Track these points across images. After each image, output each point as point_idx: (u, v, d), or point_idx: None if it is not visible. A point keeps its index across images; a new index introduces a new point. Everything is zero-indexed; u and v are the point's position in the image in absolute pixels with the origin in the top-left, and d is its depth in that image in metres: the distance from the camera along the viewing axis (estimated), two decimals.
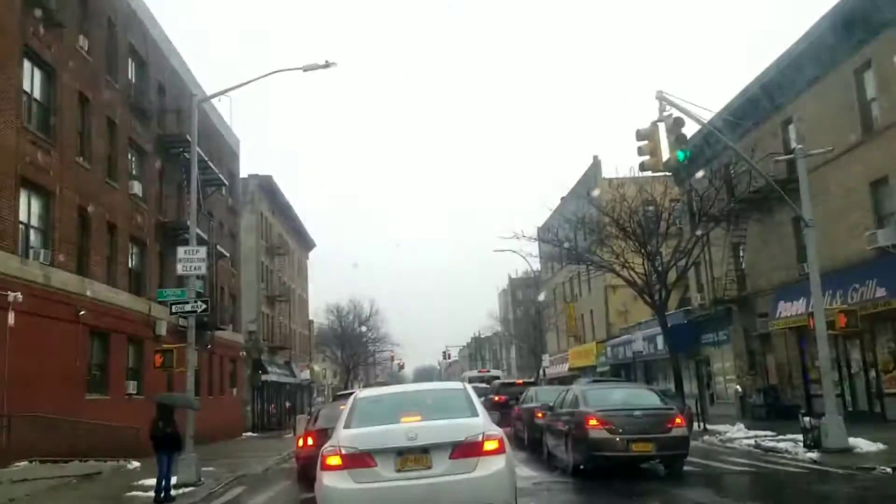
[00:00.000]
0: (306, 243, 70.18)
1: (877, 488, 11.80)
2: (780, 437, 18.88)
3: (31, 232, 20.03)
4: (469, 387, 9.15)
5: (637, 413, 13.72)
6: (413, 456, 7.58)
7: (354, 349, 75.13)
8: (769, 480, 13.62)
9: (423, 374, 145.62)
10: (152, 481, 16.04)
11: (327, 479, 7.63)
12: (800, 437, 16.85)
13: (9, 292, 17.78)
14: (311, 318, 73.97)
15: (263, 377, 47.76)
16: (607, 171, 39.09)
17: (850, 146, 22.44)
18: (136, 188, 26.71)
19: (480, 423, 7.91)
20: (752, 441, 19.27)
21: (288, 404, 57.76)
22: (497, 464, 7.60)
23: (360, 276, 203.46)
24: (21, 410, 17.43)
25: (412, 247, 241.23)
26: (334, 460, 7.66)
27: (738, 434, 21.20)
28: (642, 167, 15.14)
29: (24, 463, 17.05)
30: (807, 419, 16.84)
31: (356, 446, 7.64)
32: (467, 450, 7.57)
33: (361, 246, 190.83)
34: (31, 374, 18.21)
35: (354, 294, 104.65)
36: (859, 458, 14.47)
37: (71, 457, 18.80)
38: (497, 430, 8.01)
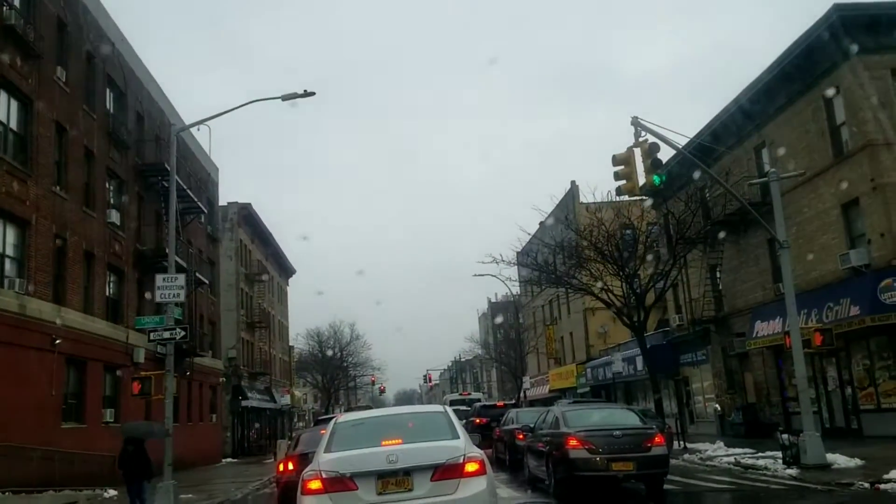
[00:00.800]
0: (286, 270, 69.96)
1: (856, 503, 11.95)
2: (760, 454, 19.03)
3: (6, 261, 19.85)
4: (449, 409, 9.19)
5: (617, 433, 13.81)
6: (394, 479, 7.61)
7: (335, 374, 74.66)
8: (749, 497, 13.73)
9: (405, 398, 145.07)
10: None
11: None
12: (779, 454, 17.00)
13: None
14: (291, 343, 73.54)
15: (243, 403, 47.37)
16: (585, 196, 39.47)
17: (821, 169, 22.88)
18: (114, 217, 26.59)
19: (461, 445, 7.96)
20: (731, 459, 19.40)
21: (268, 430, 57.22)
22: (478, 485, 7.64)
23: (341, 301, 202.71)
24: None
25: (393, 272, 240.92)
26: (315, 484, 7.66)
27: (718, 452, 21.33)
28: (619, 192, 15.35)
29: None
30: (785, 436, 17.00)
31: (337, 470, 7.65)
32: (448, 471, 7.61)
33: (342, 272, 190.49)
34: (5, 402, 17.98)
35: (335, 319, 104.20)
36: (838, 474, 14.64)
37: (46, 486, 18.54)
38: (478, 452, 8.07)
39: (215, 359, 40.92)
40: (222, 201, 47.03)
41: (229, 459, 40.85)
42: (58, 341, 21.14)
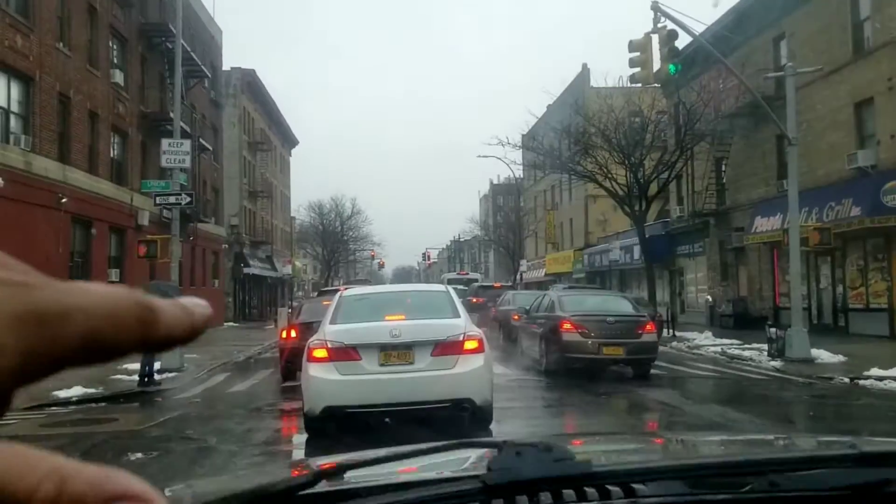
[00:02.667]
0: (289, 140, 69.43)
1: (834, 396, 12.49)
2: (746, 345, 19.63)
3: (11, 118, 19.73)
4: (451, 289, 9.48)
5: (610, 319, 14.26)
6: (396, 352, 7.97)
7: (335, 247, 75.55)
8: (732, 385, 14.33)
9: (403, 274, 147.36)
10: (135, 365, 16.52)
11: (313, 370, 8.01)
12: (765, 346, 17.54)
13: None
14: (292, 214, 74.01)
15: (245, 270, 48.20)
16: (596, 81, 38.74)
17: (839, 66, 22.39)
18: (118, 77, 26.18)
19: (462, 324, 8.28)
20: (718, 349, 20.03)
21: (269, 297, 58.55)
22: (476, 362, 8.01)
23: (343, 174, 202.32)
24: None
25: (397, 149, 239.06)
26: (321, 353, 8.02)
27: (706, 342, 21.99)
28: (633, 79, 15.10)
29: None
30: (773, 330, 17.50)
31: (342, 341, 7.99)
32: (448, 348, 7.96)
33: (345, 145, 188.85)
34: (14, 258, 18.32)
35: (336, 193, 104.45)
36: (820, 368, 15.19)
37: None
38: (477, 331, 8.40)
39: (218, 225, 41.34)
40: (225, 66, 46.12)
41: (231, 324, 41.99)
42: (63, 200, 21.32)
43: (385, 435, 7.73)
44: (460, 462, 1.16)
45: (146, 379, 14.24)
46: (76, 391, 12.96)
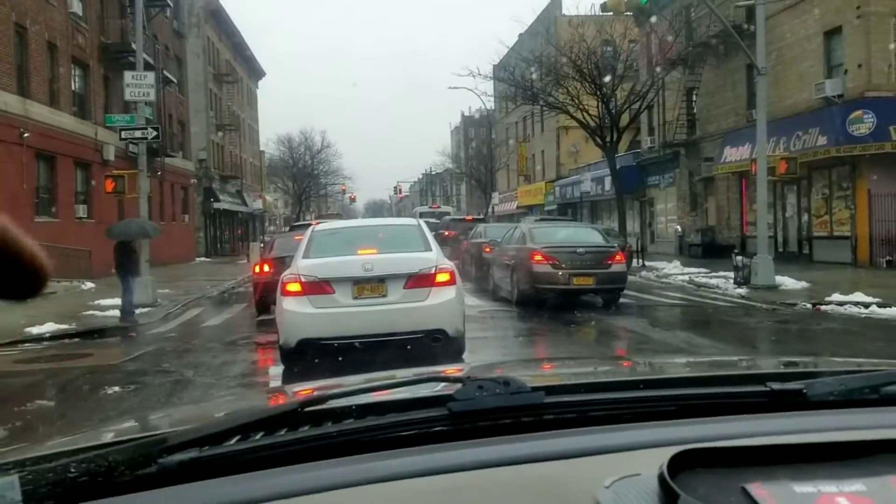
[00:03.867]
0: (256, 72, 67.91)
1: (796, 321, 12.89)
2: (713, 274, 20.04)
3: None
4: (422, 222, 9.55)
5: (580, 250, 14.46)
6: (369, 285, 8.06)
7: (306, 181, 74.91)
8: (698, 312, 14.70)
9: (374, 208, 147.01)
10: (108, 301, 16.57)
11: (287, 304, 8.10)
12: (731, 274, 17.93)
13: None
14: (261, 148, 72.98)
15: (215, 205, 47.76)
16: (567, 9, 38.22)
17: None
18: (76, 6, 25.27)
19: (433, 257, 8.38)
20: (686, 277, 20.44)
21: (240, 232, 58.22)
22: (448, 294, 8.14)
23: (312, 107, 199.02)
24: None
25: (367, 81, 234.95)
26: (294, 287, 8.09)
27: (674, 271, 22.40)
28: (605, 7, 14.96)
29: None
30: (739, 258, 17.87)
31: (315, 275, 8.06)
32: (420, 280, 8.07)
33: (314, 77, 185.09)
34: None
35: (306, 126, 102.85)
36: (784, 295, 15.61)
37: None
38: (448, 264, 8.51)
39: (186, 160, 40.72)
40: None
41: (202, 259, 41.82)
42: (26, 135, 20.85)
43: (359, 366, 7.89)
44: (430, 392, 1.27)
45: (127, 314, 14.29)
46: (49, 327, 12.94)
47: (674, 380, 1.56)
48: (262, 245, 37.71)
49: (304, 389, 2.21)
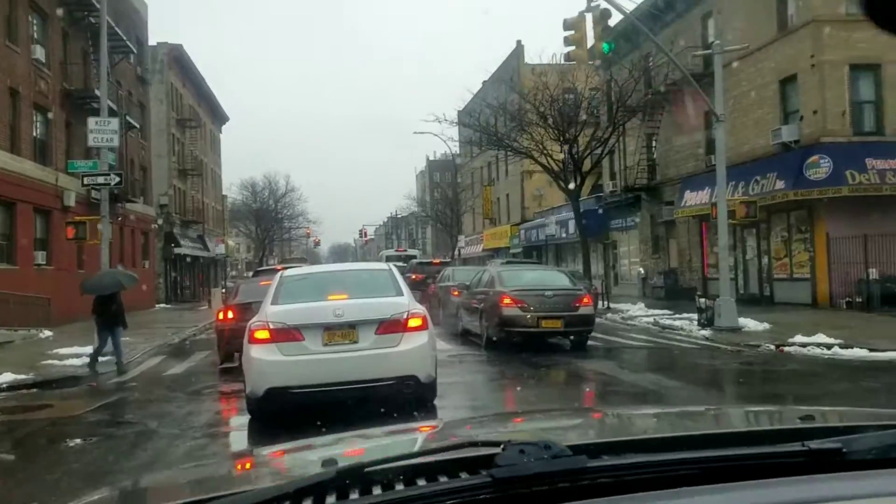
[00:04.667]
0: (219, 116, 67.82)
1: (761, 363, 13.03)
2: (677, 315, 20.23)
3: None
4: (394, 267, 9.51)
5: (548, 293, 14.53)
6: (340, 331, 7.97)
7: (269, 225, 74.47)
8: (665, 354, 14.79)
9: (339, 252, 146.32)
10: (66, 350, 16.19)
11: (255, 352, 7.95)
12: (695, 316, 18.13)
13: None
14: (224, 192, 72.54)
15: (176, 250, 47.16)
16: (530, 57, 38.92)
17: (764, 43, 23.05)
18: (39, 53, 25.10)
19: (405, 302, 8.33)
20: (651, 319, 20.61)
21: (201, 277, 57.47)
22: (420, 339, 8.09)
23: (277, 152, 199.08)
24: None
25: (333, 126, 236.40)
26: (262, 334, 7.96)
27: (639, 312, 22.58)
28: (568, 58, 15.27)
29: None
30: (702, 300, 18.10)
31: (284, 321, 7.95)
32: (392, 326, 8.01)
33: (279, 122, 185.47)
34: None
35: (270, 170, 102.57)
36: (747, 336, 15.80)
37: None
38: (420, 309, 8.48)
39: (147, 205, 40.27)
40: (152, 41, 44.66)
41: (163, 305, 41.11)
42: None
43: (328, 415, 7.75)
44: (466, 454, 1.24)
45: (96, 360, 14.00)
46: (6, 377, 12.57)
47: (708, 437, 1.53)
48: (223, 291, 37.24)
49: (276, 451, 2.15)
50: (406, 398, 8.16)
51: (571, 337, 14.80)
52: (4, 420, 9.51)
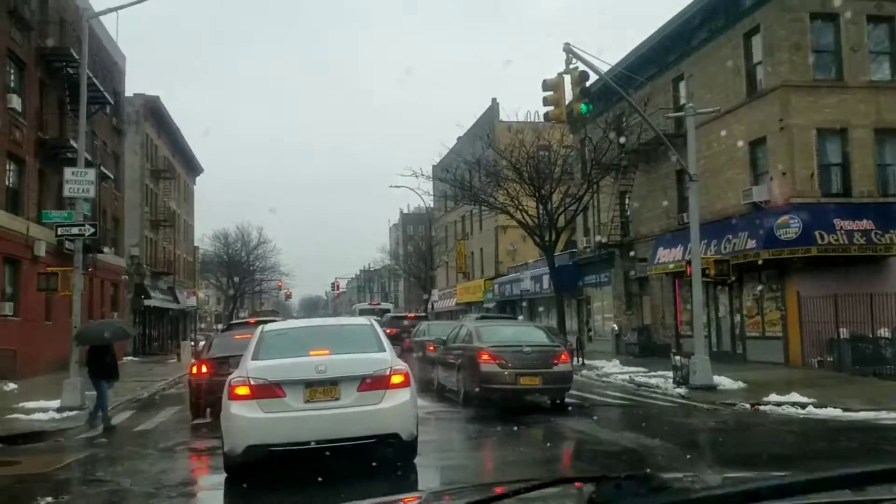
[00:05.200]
0: (193, 168, 67.73)
1: (735, 421, 13.07)
2: (652, 373, 20.28)
3: None
4: (376, 323, 9.46)
5: (526, 349, 14.51)
6: (322, 388, 7.87)
7: (241, 277, 73.91)
8: (642, 412, 14.76)
9: (310, 304, 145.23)
10: (33, 403, 15.78)
11: (235, 409, 7.82)
12: (670, 374, 18.18)
13: None
14: (196, 244, 72.01)
15: (146, 302, 46.51)
16: (507, 115, 39.63)
17: (734, 106, 23.70)
18: (15, 102, 24.99)
19: (388, 358, 8.28)
20: (626, 376, 20.62)
21: (171, 330, 56.60)
22: (402, 396, 8.01)
23: (249, 203, 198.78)
24: None
25: (305, 178, 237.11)
26: (242, 390, 7.84)
27: (614, 370, 22.60)
28: (547, 118, 15.56)
29: None
30: (677, 358, 18.17)
31: (265, 377, 7.85)
32: (375, 383, 7.94)
33: (252, 173, 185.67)
34: None
35: (242, 222, 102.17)
36: (722, 395, 15.86)
37: None
38: (403, 365, 8.42)
39: (118, 256, 39.81)
40: (128, 92, 44.75)
41: (131, 358, 40.29)
42: None
43: (307, 473, 7.61)
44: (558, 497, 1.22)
45: (106, 421, 13.63)
46: None
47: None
48: (192, 344, 36.60)
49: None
50: (387, 456, 8.06)
51: (549, 394, 14.73)
52: None
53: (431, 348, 18.99)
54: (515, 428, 12.48)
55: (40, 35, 27.86)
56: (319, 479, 7.54)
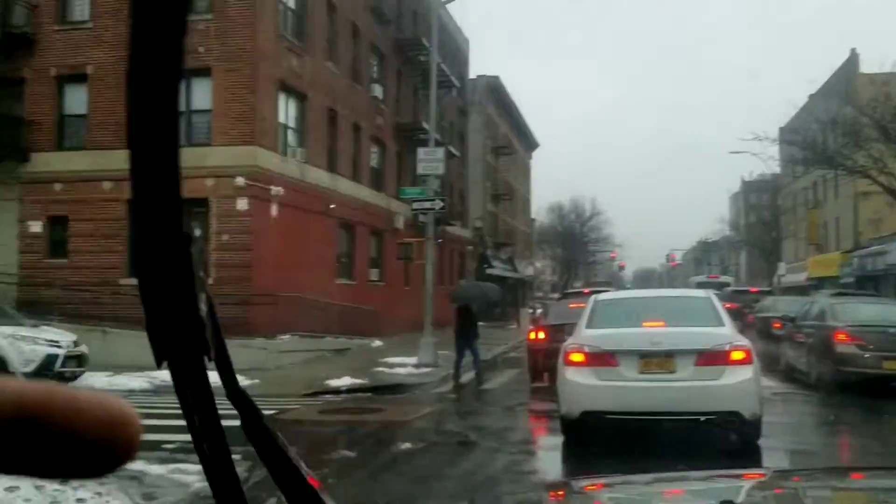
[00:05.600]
0: (529, 143, 70.39)
1: None
2: None
3: (289, 132, 21.96)
4: (714, 295, 9.04)
5: (891, 330, 12.81)
6: (657, 360, 7.74)
7: (574, 248, 75.36)
8: None
9: (644, 276, 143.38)
10: (395, 359, 17.74)
11: (570, 374, 8.03)
12: None
13: (272, 186, 19.84)
14: (532, 216, 74.96)
15: (488, 270, 49.58)
16: (868, 66, 35.02)
17: None
18: (377, 91, 28.13)
19: (727, 333, 7.88)
20: None
21: (510, 298, 59.81)
22: (744, 373, 7.57)
23: (583, 176, 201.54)
24: (284, 291, 19.61)
25: (638, 149, 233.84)
26: (578, 357, 8.02)
27: None
28: None
29: (286, 336, 19.27)
30: None
31: (600, 346, 7.93)
32: (713, 358, 7.60)
33: (584, 146, 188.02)
34: (291, 259, 20.38)
35: (576, 194, 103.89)
36: None
37: (324, 333, 21.03)
38: (745, 341, 7.96)
39: (463, 228, 42.99)
40: (471, 74, 47.77)
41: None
42: (332, 206, 23.33)
43: (641, 446, 7.55)
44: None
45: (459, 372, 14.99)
46: (346, 381, 14.10)
47: None
48: (531, 311, 38.27)
49: (593, 485, 2.10)
50: (727, 435, 7.70)
51: None
52: (346, 420, 10.66)
53: (777, 325, 17.65)
54: (878, 417, 11.12)
55: (397, 27, 30.89)
56: (655, 449, 7.46)
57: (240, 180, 19.16)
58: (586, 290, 21.01)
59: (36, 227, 20.26)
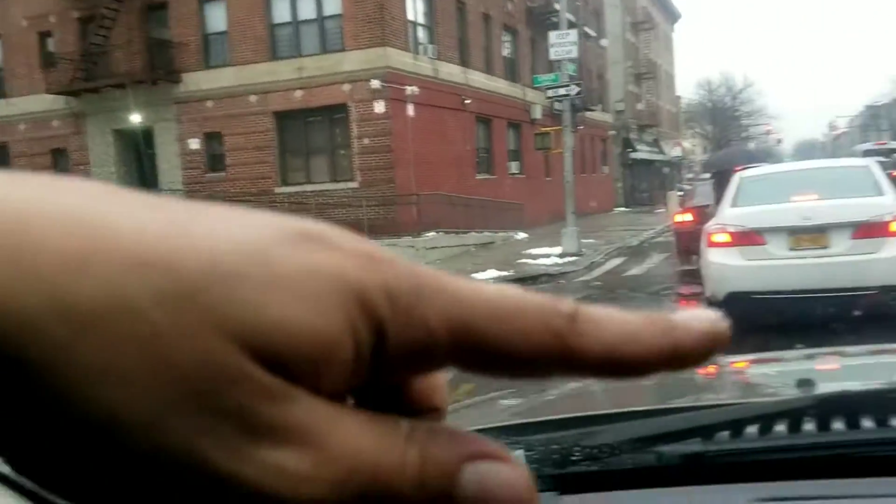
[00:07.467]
0: (671, 14, 66.23)
1: None
2: None
3: (419, 29, 21.83)
4: (874, 163, 8.41)
5: None
6: (808, 235, 7.38)
7: (726, 124, 71.45)
8: None
9: (805, 149, 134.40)
10: (538, 250, 17.84)
11: (714, 256, 7.81)
12: None
13: (406, 86, 19.99)
14: (678, 94, 71.36)
15: (632, 155, 48.22)
16: None
17: None
18: None
19: (888, 202, 7.35)
20: None
21: (657, 181, 58.06)
22: None
23: (731, 46, 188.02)
24: (426, 189, 20.03)
25: (793, 11, 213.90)
26: (721, 237, 7.77)
27: None
28: None
29: (431, 233, 19.77)
30: None
31: (744, 224, 7.63)
32: (871, 230, 7.15)
33: (732, 8, 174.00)
34: (431, 158, 20.69)
35: (725, 67, 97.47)
36: None
37: (468, 229, 21.42)
38: None
39: (604, 112, 41.68)
40: None
41: (621, 209, 42.65)
42: (467, 101, 23.26)
43: (797, 327, 7.30)
44: None
45: None
46: (491, 273, 14.43)
47: None
48: (680, 194, 37.05)
49: (741, 361, 2.04)
50: (889, 312, 7.30)
51: None
52: None
53: None
54: None
55: None
56: (807, 332, 7.21)
57: (375, 83, 19.42)
58: (736, 168, 20.01)
59: (194, 143, 21.61)
